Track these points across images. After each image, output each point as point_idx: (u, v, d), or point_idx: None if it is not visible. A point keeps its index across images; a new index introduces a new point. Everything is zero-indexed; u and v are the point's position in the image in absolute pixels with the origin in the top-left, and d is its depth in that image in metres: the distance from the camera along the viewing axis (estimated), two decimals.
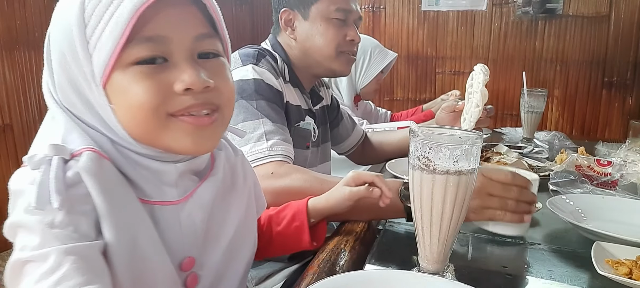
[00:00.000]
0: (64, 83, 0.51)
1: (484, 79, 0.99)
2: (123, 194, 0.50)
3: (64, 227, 0.43)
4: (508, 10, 2.41)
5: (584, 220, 0.87)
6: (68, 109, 0.52)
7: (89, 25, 0.47)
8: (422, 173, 0.58)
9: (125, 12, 0.46)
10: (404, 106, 2.63)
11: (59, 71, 0.51)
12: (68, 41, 0.48)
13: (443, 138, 0.57)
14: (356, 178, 0.75)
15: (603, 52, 2.32)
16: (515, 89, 2.43)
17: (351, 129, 1.41)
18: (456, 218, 0.59)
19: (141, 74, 0.48)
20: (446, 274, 0.63)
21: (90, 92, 0.49)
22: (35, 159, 0.45)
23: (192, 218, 0.56)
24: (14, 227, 0.45)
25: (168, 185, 0.54)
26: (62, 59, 0.49)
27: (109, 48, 0.46)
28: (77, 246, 0.43)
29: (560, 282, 0.66)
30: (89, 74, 0.48)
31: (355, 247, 0.73)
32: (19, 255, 0.43)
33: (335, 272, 0.64)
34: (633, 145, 1.28)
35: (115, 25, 0.46)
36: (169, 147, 0.52)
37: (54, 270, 0.41)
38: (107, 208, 0.47)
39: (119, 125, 0.49)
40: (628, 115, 2.34)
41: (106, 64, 0.47)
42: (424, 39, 2.57)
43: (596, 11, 2.29)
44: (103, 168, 0.48)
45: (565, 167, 1.14)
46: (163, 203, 0.54)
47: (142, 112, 0.48)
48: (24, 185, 0.45)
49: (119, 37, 0.46)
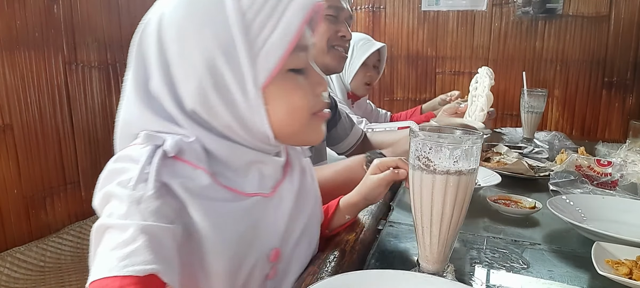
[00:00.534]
0: (206, 87, 0.52)
1: (490, 82, 0.99)
2: (218, 193, 0.54)
3: (148, 206, 0.46)
4: (508, 10, 2.41)
5: (584, 220, 0.87)
6: (195, 111, 0.54)
7: (252, 30, 0.51)
8: (422, 174, 0.58)
9: (294, 22, 0.51)
10: (404, 106, 2.63)
11: (202, 76, 0.52)
12: (224, 47, 0.51)
13: (443, 138, 0.57)
14: (381, 165, 0.78)
15: (603, 52, 2.32)
16: (515, 89, 2.43)
17: (350, 128, 1.41)
18: (456, 218, 0.59)
19: (296, 79, 0.56)
20: (446, 274, 0.63)
21: (241, 95, 0.52)
22: (149, 140, 0.50)
23: (280, 211, 0.62)
24: (108, 196, 0.49)
25: (268, 178, 0.61)
26: (211, 63, 0.51)
27: (279, 54, 0.51)
28: (153, 225, 0.46)
29: (560, 282, 0.66)
30: (250, 78, 0.52)
31: (355, 247, 0.73)
32: (104, 220, 0.47)
33: (335, 272, 0.64)
34: (633, 145, 1.28)
35: (285, 34, 0.51)
36: (306, 139, 0.61)
37: (128, 242, 0.44)
38: (196, 203, 0.50)
39: (267, 125, 0.55)
40: (628, 115, 2.33)
41: (273, 69, 0.52)
42: (424, 39, 2.57)
43: (596, 11, 2.29)
44: (196, 177, 0.52)
45: (565, 167, 1.14)
46: (260, 194, 0.59)
47: (301, 113, 0.56)
48: (126, 163, 0.50)
49: (287, 45, 0.51)
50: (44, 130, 1.43)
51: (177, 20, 0.52)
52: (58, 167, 1.50)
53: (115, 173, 0.50)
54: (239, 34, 0.50)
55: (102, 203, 0.50)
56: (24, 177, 1.38)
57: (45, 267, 1.37)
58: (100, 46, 1.63)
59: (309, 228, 0.67)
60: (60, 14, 1.47)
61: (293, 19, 0.51)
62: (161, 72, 0.53)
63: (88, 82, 1.59)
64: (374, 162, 0.79)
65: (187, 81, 0.53)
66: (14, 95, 1.33)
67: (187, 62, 0.52)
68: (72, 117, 1.53)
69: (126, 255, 0.43)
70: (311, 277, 0.62)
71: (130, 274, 0.42)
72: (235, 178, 0.57)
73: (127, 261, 0.42)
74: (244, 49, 0.50)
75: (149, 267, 0.43)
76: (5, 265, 1.28)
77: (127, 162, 0.50)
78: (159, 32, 0.53)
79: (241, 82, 0.52)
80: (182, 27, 0.52)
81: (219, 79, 0.52)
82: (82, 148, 1.58)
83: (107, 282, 0.42)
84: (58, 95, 1.47)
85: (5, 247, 1.32)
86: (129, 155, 0.51)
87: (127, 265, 0.42)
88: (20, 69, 1.35)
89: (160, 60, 0.53)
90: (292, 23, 0.51)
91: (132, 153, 0.51)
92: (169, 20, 0.53)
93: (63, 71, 1.49)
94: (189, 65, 0.52)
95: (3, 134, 1.32)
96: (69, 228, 1.51)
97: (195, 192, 0.51)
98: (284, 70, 0.54)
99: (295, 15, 0.51)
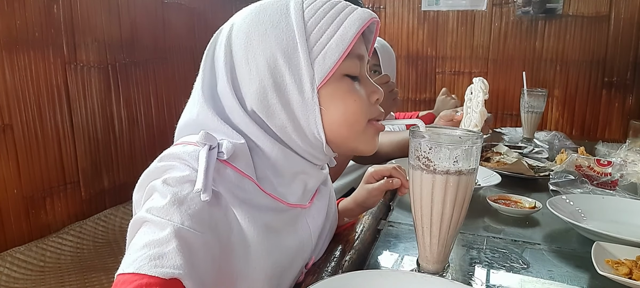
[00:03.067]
0: (267, 86, 0.55)
1: (484, 97, 0.98)
2: (262, 202, 0.55)
3: (189, 207, 0.47)
4: (508, 10, 2.41)
5: (584, 220, 0.87)
6: (254, 111, 0.56)
7: (312, 36, 0.55)
8: (422, 174, 0.58)
9: (351, 30, 0.55)
10: (404, 106, 2.63)
11: (263, 76, 0.55)
12: (285, 49, 0.55)
13: (443, 138, 0.57)
14: (375, 173, 0.79)
15: (603, 52, 2.32)
16: (515, 89, 2.42)
17: None
18: (456, 218, 0.59)
19: (352, 85, 0.58)
20: (446, 274, 0.63)
21: (298, 95, 0.55)
22: (207, 140, 0.51)
23: (316, 221, 0.65)
24: (151, 190, 0.50)
25: (310, 191, 0.63)
26: (273, 64, 0.55)
27: (335, 58, 0.54)
28: (188, 231, 0.46)
29: (560, 282, 0.66)
30: (307, 79, 0.55)
31: (355, 247, 0.73)
32: (143, 214, 0.47)
33: (335, 272, 0.64)
34: (633, 145, 1.28)
35: (342, 40, 0.55)
36: (358, 147, 0.61)
37: (162, 243, 0.44)
38: (243, 212, 0.52)
39: (321, 126, 0.57)
40: (628, 115, 2.33)
41: (328, 71, 0.55)
42: (424, 38, 2.57)
43: (596, 11, 2.29)
44: (242, 184, 0.54)
45: (565, 167, 1.14)
46: (301, 206, 0.62)
47: (355, 117, 0.58)
48: (174, 161, 0.52)
49: (343, 50, 0.55)
50: (43, 130, 1.43)
51: (246, 27, 0.57)
52: (58, 167, 1.50)
53: (162, 170, 0.52)
54: (299, 38, 0.54)
55: (145, 197, 0.51)
56: (23, 177, 1.38)
57: (45, 267, 1.37)
58: (100, 46, 1.63)
59: (331, 232, 0.74)
60: (60, 14, 1.47)
61: (349, 28, 0.55)
62: (228, 74, 0.57)
63: (88, 82, 1.59)
64: (368, 170, 0.80)
65: (250, 82, 0.56)
66: (13, 95, 1.33)
67: (251, 63, 0.56)
68: (71, 117, 1.53)
69: (157, 256, 0.43)
70: (311, 277, 0.62)
71: (157, 275, 0.42)
72: (280, 187, 0.58)
73: (157, 262, 0.43)
74: (303, 52, 0.54)
75: (175, 271, 0.43)
76: (5, 265, 1.28)
77: (175, 160, 0.52)
78: (229, 38, 0.58)
79: (299, 83, 0.55)
80: (249, 33, 0.56)
81: (278, 79, 0.55)
82: (82, 148, 1.58)
83: (135, 278, 0.42)
84: (58, 95, 1.47)
85: (5, 247, 1.32)
86: (178, 154, 0.52)
87: (157, 266, 0.43)
88: (20, 69, 1.35)
89: (228, 63, 0.57)
90: (348, 32, 0.55)
91: (183, 151, 0.52)
92: (238, 28, 0.58)
93: (63, 71, 1.49)
94: (252, 66, 0.56)
95: (3, 134, 1.32)
96: (69, 228, 1.51)
97: (241, 198, 0.53)
98: (340, 75, 0.57)
99: (352, 25, 0.55)
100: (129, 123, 1.79)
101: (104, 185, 1.69)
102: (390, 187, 0.77)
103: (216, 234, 0.49)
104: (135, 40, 1.76)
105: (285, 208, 0.58)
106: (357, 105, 0.58)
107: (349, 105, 0.57)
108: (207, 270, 0.48)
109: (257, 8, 0.58)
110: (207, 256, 0.48)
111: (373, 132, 0.61)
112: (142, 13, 1.80)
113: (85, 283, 1.35)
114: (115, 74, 1.70)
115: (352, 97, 0.58)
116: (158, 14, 1.90)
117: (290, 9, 0.56)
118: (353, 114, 0.58)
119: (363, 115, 0.59)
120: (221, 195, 0.51)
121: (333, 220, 0.74)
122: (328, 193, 0.71)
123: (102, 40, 1.63)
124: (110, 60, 1.67)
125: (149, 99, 1.89)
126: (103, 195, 1.69)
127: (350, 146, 0.61)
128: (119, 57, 1.70)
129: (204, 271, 0.48)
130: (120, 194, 1.73)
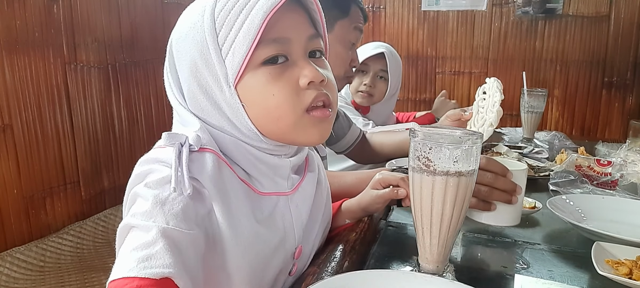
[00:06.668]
0: (194, 89, 0.56)
1: (500, 97, 0.99)
2: (239, 190, 0.55)
3: (172, 207, 0.48)
4: (508, 10, 2.41)
5: (584, 220, 0.87)
6: (195, 114, 0.57)
7: (221, 33, 0.53)
8: (422, 174, 0.58)
9: (256, 19, 0.51)
10: (404, 106, 2.63)
11: (189, 79, 0.56)
12: (200, 50, 0.54)
13: (443, 138, 0.57)
14: (383, 181, 0.78)
15: (603, 52, 2.32)
16: (515, 89, 2.42)
17: (347, 127, 1.41)
18: (456, 218, 0.59)
19: (270, 74, 0.54)
20: (446, 274, 0.63)
21: (220, 94, 0.55)
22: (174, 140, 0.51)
23: (299, 209, 0.63)
24: (134, 196, 0.51)
25: (282, 177, 0.60)
26: (193, 67, 0.55)
27: (243, 51, 0.52)
28: (174, 230, 0.47)
29: (560, 282, 0.66)
30: (222, 77, 0.54)
31: (355, 247, 0.73)
32: (129, 220, 0.48)
33: (335, 272, 0.64)
34: (633, 145, 1.28)
35: (248, 31, 0.52)
36: (296, 140, 0.58)
37: (149, 244, 0.45)
38: (223, 203, 0.52)
39: (250, 123, 0.55)
40: (628, 115, 2.33)
41: (239, 66, 0.53)
42: (424, 39, 2.57)
43: (596, 11, 2.29)
44: (221, 170, 0.53)
45: (565, 167, 1.14)
46: (278, 193, 0.60)
47: (279, 110, 0.54)
48: (153, 165, 0.52)
49: (252, 41, 0.52)
50: (43, 130, 1.43)
51: (176, 32, 0.58)
52: (58, 167, 1.50)
53: (142, 175, 0.52)
54: (209, 37, 0.53)
55: (129, 204, 0.51)
56: (23, 177, 1.38)
57: (44, 267, 1.37)
58: (100, 46, 1.63)
59: (324, 222, 0.71)
60: (60, 14, 1.48)
61: (255, 15, 0.52)
62: (175, 82, 0.59)
63: (88, 82, 1.59)
64: (376, 176, 0.80)
65: (183, 84, 0.58)
66: (13, 95, 1.33)
67: (179, 67, 0.57)
68: (71, 117, 1.53)
69: (146, 257, 0.44)
70: (311, 277, 0.62)
71: (147, 276, 0.42)
72: (247, 177, 0.58)
73: (146, 263, 0.43)
74: (214, 50, 0.53)
75: (165, 270, 0.43)
76: (5, 265, 1.28)
77: (153, 163, 0.52)
78: (170, 43, 0.59)
79: (218, 82, 0.54)
80: (177, 38, 0.57)
81: (202, 80, 0.55)
82: (82, 148, 1.58)
83: (126, 282, 0.43)
84: (58, 96, 1.47)
85: (5, 247, 1.32)
86: (155, 157, 0.53)
87: (146, 267, 0.43)
88: (20, 69, 1.35)
89: (172, 71, 0.59)
90: (254, 19, 0.52)
91: (158, 154, 0.53)
92: (172, 33, 0.59)
93: (62, 71, 1.49)
94: (180, 69, 0.57)
95: (3, 133, 1.32)
96: (69, 228, 1.51)
97: (219, 187, 0.52)
98: (257, 65, 0.54)
99: (258, 11, 0.52)
100: (129, 123, 1.79)
101: (104, 185, 1.69)
102: (395, 196, 0.76)
103: (202, 229, 0.50)
104: (135, 40, 1.76)
105: (256, 196, 0.58)
106: (277, 98, 0.54)
107: (269, 100, 0.54)
108: (198, 267, 0.49)
109: (185, 12, 0.59)
110: (196, 253, 0.48)
111: (311, 122, 0.56)
112: (142, 13, 1.80)
113: (85, 283, 1.35)
114: (115, 74, 1.70)
115: (271, 91, 0.54)
116: (158, 14, 1.90)
117: (205, 10, 0.54)
118: (275, 108, 0.54)
119: (289, 107, 0.54)
120: (203, 189, 0.51)
121: (326, 210, 0.72)
122: (315, 181, 0.68)
123: (102, 40, 1.64)
124: (110, 60, 1.68)
125: (149, 99, 1.89)
126: (103, 195, 1.69)
127: (288, 140, 0.58)
128: (119, 57, 1.70)
129: (194, 268, 0.48)
130: (120, 194, 1.73)
